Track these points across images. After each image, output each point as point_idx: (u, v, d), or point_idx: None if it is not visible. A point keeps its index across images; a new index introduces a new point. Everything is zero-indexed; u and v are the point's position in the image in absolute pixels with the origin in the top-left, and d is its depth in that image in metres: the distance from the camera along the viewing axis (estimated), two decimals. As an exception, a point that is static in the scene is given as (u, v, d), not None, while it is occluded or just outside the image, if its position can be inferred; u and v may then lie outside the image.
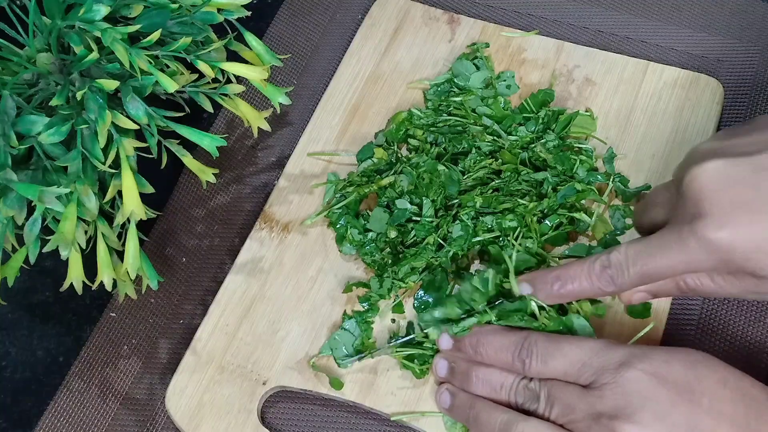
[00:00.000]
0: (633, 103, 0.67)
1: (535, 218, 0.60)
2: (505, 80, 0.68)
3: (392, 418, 0.57)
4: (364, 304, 0.61)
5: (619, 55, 0.70)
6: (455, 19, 0.73)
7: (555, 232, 0.61)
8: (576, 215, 0.61)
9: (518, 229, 0.60)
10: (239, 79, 0.59)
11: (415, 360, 0.58)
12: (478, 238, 0.60)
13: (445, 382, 0.56)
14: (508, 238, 0.60)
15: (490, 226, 0.60)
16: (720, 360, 0.48)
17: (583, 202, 0.62)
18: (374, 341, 0.59)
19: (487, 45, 0.71)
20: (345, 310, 0.61)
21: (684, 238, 0.48)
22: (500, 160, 0.64)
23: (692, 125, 0.66)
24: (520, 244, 0.59)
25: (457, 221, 0.61)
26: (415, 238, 0.61)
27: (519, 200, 0.61)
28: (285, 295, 0.62)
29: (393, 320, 0.60)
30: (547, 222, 0.61)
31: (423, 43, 0.72)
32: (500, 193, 0.62)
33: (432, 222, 0.61)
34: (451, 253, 0.60)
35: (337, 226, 0.63)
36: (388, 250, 0.61)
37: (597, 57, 0.70)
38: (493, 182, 0.62)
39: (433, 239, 0.60)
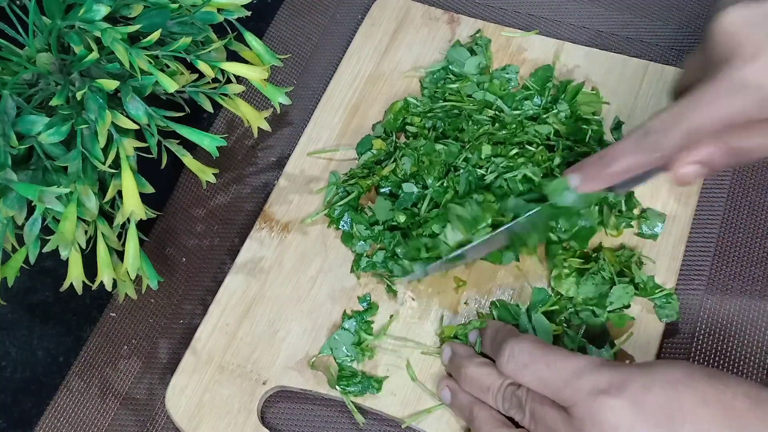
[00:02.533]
0: (633, 103, 0.67)
1: (545, 156, 0.61)
2: (508, 73, 0.68)
3: (404, 426, 0.57)
4: (363, 304, 0.61)
5: (619, 55, 0.70)
6: (455, 19, 0.73)
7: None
8: None
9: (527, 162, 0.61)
10: (239, 79, 0.59)
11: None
12: (489, 175, 0.61)
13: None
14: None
15: (500, 165, 0.61)
16: (702, 370, 0.46)
17: None
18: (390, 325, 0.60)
19: (489, 40, 0.71)
20: (345, 310, 0.61)
21: (717, 83, 0.46)
22: (502, 131, 0.64)
23: (692, 125, 0.65)
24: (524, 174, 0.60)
25: (462, 170, 0.62)
26: (427, 214, 0.61)
27: (528, 147, 0.62)
28: (285, 295, 0.62)
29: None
30: (557, 159, 0.61)
31: (423, 43, 0.72)
32: (507, 144, 0.63)
33: (441, 186, 0.62)
34: (462, 184, 0.61)
35: (340, 224, 0.63)
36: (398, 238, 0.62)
37: (597, 57, 0.70)
38: (498, 134, 0.63)
39: (451, 195, 0.61)
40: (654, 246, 0.61)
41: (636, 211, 0.62)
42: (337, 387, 0.58)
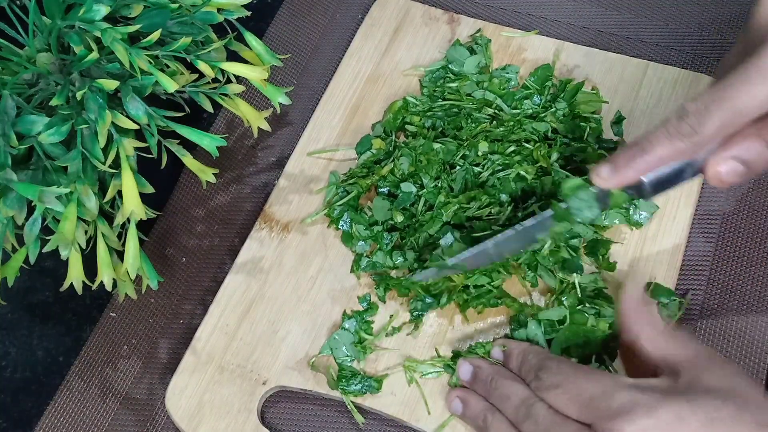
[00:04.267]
0: (633, 103, 0.67)
1: (542, 152, 0.61)
2: (508, 73, 0.69)
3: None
4: (363, 304, 0.61)
5: (619, 55, 0.70)
6: (455, 19, 0.73)
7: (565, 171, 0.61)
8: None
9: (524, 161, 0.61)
10: (239, 79, 0.59)
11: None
12: (485, 172, 0.61)
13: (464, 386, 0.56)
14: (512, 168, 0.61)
15: (496, 163, 0.61)
16: (753, 396, 0.44)
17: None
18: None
19: (489, 39, 0.71)
20: (345, 310, 0.61)
21: (758, 66, 0.45)
22: (500, 128, 0.64)
23: (692, 125, 0.65)
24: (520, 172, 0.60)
25: (459, 167, 0.62)
26: (422, 216, 0.61)
27: (525, 144, 0.62)
28: (285, 295, 0.62)
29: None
30: (554, 155, 0.61)
31: (423, 43, 0.72)
32: (504, 141, 0.63)
33: (436, 187, 0.62)
34: (459, 184, 0.61)
35: (340, 224, 0.63)
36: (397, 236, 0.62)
37: (597, 57, 0.70)
38: (496, 131, 0.63)
39: (445, 194, 0.61)
40: (654, 246, 0.61)
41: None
42: (337, 389, 0.58)
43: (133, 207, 0.55)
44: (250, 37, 0.60)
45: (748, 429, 0.43)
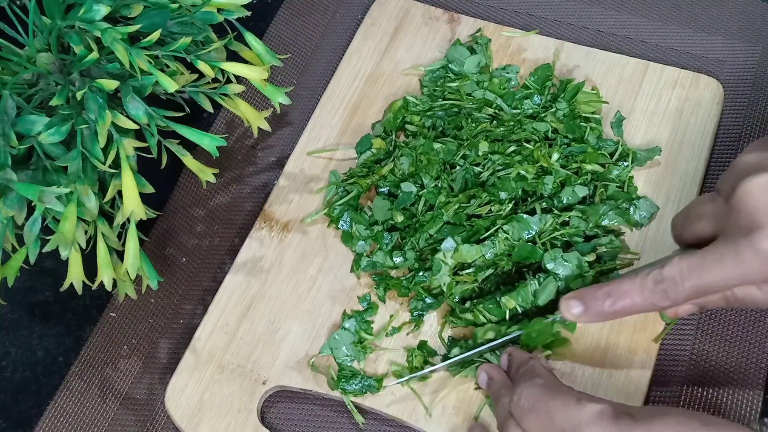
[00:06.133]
0: (633, 103, 0.67)
1: (543, 152, 0.61)
2: (508, 72, 0.69)
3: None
4: (363, 304, 0.61)
5: (619, 55, 0.70)
6: (455, 18, 0.73)
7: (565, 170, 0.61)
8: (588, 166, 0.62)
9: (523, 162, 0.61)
10: (239, 79, 0.59)
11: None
12: (485, 172, 0.61)
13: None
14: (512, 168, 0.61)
15: (497, 162, 0.61)
16: (697, 419, 0.45)
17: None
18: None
19: (489, 39, 0.71)
20: (345, 310, 0.61)
21: (740, 251, 0.47)
22: (500, 128, 0.64)
23: (692, 125, 0.66)
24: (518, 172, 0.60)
25: (459, 167, 0.62)
26: (422, 216, 0.61)
27: (525, 144, 0.62)
28: (285, 295, 0.62)
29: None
30: (555, 155, 0.62)
31: (423, 42, 0.72)
32: (504, 141, 0.63)
33: (436, 187, 0.62)
34: (459, 183, 0.61)
35: (340, 224, 0.63)
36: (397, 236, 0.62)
37: (597, 57, 0.70)
38: (496, 131, 0.63)
39: (445, 194, 0.61)
40: (654, 246, 0.61)
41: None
42: (337, 390, 0.58)
43: (133, 207, 0.55)
44: (250, 37, 0.60)
45: None
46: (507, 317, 0.57)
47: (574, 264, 0.57)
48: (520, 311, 0.57)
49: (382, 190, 0.64)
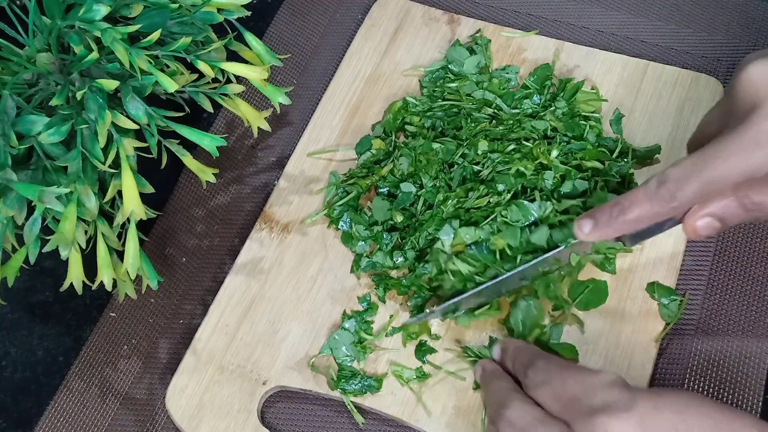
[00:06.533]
0: (633, 103, 0.67)
1: (542, 149, 0.61)
2: (508, 73, 0.69)
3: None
4: (363, 304, 0.61)
5: (619, 55, 0.70)
6: (455, 19, 0.73)
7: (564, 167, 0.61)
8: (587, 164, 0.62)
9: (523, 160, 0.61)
10: (239, 79, 0.59)
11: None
12: (484, 170, 0.61)
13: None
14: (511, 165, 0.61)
15: (496, 161, 0.61)
16: (711, 401, 0.46)
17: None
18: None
19: (489, 40, 0.71)
20: (345, 310, 0.61)
21: (741, 134, 0.46)
22: (499, 127, 0.64)
23: (692, 125, 0.65)
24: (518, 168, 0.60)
25: (458, 165, 0.62)
26: (422, 216, 0.61)
27: (525, 143, 0.62)
28: (285, 295, 0.62)
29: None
30: (555, 152, 0.62)
31: (423, 43, 0.72)
32: (503, 140, 0.63)
33: (435, 187, 0.62)
34: (457, 180, 0.61)
35: (340, 225, 0.63)
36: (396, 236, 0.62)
37: (597, 57, 0.70)
38: (495, 130, 0.63)
39: (443, 193, 0.61)
40: (654, 246, 0.61)
41: None
42: (337, 390, 0.58)
43: (133, 207, 0.55)
44: (250, 37, 0.60)
45: (718, 413, 0.45)
46: (498, 257, 0.57)
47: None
48: (509, 252, 0.57)
49: (381, 190, 0.64)
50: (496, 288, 0.57)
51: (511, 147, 0.62)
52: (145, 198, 0.56)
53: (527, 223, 0.58)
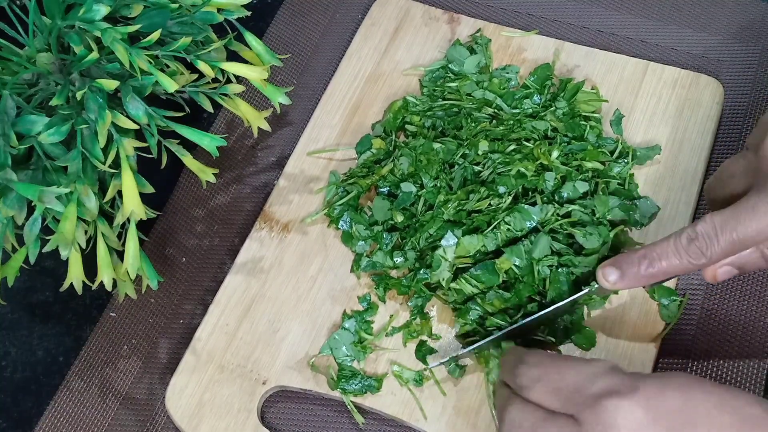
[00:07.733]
0: (633, 103, 0.67)
1: (543, 150, 0.61)
2: (508, 72, 0.69)
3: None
4: (363, 304, 0.61)
5: (619, 55, 0.70)
6: (455, 18, 0.73)
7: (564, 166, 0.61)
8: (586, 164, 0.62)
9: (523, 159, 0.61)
10: (239, 79, 0.59)
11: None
12: (485, 171, 0.61)
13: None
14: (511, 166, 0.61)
15: (497, 162, 0.61)
16: (712, 381, 0.46)
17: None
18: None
19: (489, 39, 0.71)
20: (345, 310, 0.61)
21: (766, 201, 0.47)
22: (500, 127, 0.64)
23: (692, 125, 0.66)
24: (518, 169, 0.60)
25: (458, 166, 0.62)
26: (422, 216, 0.61)
27: (526, 143, 0.62)
28: (285, 295, 0.62)
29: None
30: (555, 152, 0.62)
31: (423, 42, 0.72)
32: (504, 140, 0.63)
33: (435, 187, 0.62)
34: (457, 182, 0.61)
35: (340, 224, 0.63)
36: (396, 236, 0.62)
37: (597, 57, 0.70)
38: (496, 130, 0.63)
39: (444, 193, 0.61)
40: (654, 246, 0.61)
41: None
42: (337, 390, 0.58)
43: (133, 207, 0.55)
44: (250, 37, 0.60)
45: (722, 390, 0.45)
46: (501, 280, 0.57)
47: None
48: (517, 272, 0.57)
49: (381, 190, 0.64)
50: (523, 327, 0.57)
51: (512, 147, 0.62)
52: (145, 198, 0.56)
53: (529, 228, 0.58)
